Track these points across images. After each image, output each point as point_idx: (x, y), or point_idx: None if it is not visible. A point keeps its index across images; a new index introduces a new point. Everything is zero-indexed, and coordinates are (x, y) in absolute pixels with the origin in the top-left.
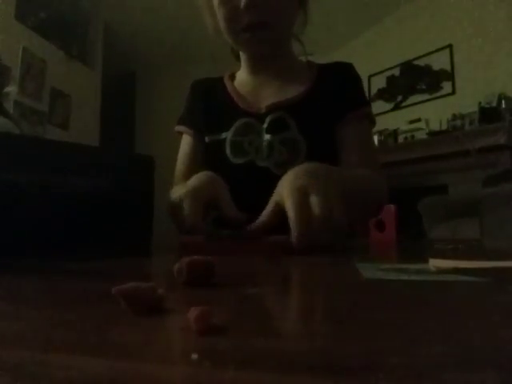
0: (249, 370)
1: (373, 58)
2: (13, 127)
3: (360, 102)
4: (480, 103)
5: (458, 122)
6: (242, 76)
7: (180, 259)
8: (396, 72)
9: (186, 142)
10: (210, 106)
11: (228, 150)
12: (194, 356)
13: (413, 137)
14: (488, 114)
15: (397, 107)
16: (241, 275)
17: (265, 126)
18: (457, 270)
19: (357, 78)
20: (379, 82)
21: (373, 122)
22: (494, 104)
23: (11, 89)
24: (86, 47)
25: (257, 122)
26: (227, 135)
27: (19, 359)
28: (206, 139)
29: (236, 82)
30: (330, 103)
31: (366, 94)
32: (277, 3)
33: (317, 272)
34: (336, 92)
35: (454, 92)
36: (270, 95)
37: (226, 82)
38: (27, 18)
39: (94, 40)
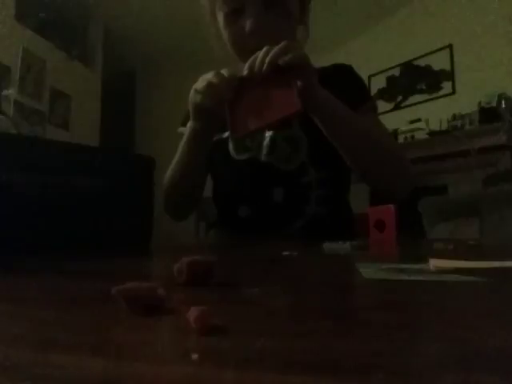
0: (249, 370)
1: (373, 58)
2: (6, 122)
3: (364, 99)
4: (480, 103)
5: (458, 122)
6: None
7: (180, 259)
8: (396, 72)
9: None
10: None
11: (231, 147)
12: (194, 356)
13: (413, 137)
14: (488, 114)
15: (397, 107)
16: (241, 275)
17: None
18: (457, 270)
19: (357, 77)
20: (379, 82)
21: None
22: (494, 104)
23: (10, 91)
24: (86, 47)
25: None
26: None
27: (19, 359)
28: None
29: None
30: None
31: (369, 90)
32: (280, 26)
33: (317, 272)
34: (338, 93)
35: (454, 92)
36: None
37: None
38: (27, 18)
39: (94, 40)
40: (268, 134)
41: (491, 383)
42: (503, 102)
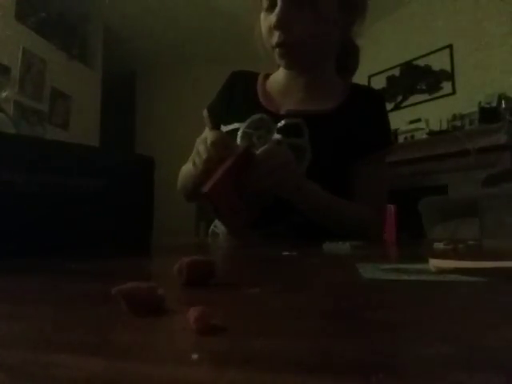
0: (249, 370)
1: (373, 58)
2: (5, 121)
3: (385, 143)
4: (480, 103)
5: (458, 122)
6: (276, 77)
7: (180, 259)
8: (396, 72)
9: (205, 129)
10: (236, 97)
11: (238, 141)
12: (194, 356)
13: (413, 137)
14: (488, 114)
15: (397, 107)
16: (241, 275)
17: (279, 125)
18: (457, 270)
19: (385, 114)
20: (379, 82)
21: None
22: (494, 104)
23: (6, 93)
24: (86, 47)
25: (271, 120)
26: (241, 126)
27: (19, 359)
28: (223, 128)
29: (268, 81)
30: (352, 129)
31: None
32: (303, 25)
33: (317, 272)
34: (361, 122)
35: (454, 92)
36: (294, 102)
37: (260, 78)
38: (27, 18)
39: (94, 40)
40: (275, 136)
41: (492, 383)
42: (503, 102)
